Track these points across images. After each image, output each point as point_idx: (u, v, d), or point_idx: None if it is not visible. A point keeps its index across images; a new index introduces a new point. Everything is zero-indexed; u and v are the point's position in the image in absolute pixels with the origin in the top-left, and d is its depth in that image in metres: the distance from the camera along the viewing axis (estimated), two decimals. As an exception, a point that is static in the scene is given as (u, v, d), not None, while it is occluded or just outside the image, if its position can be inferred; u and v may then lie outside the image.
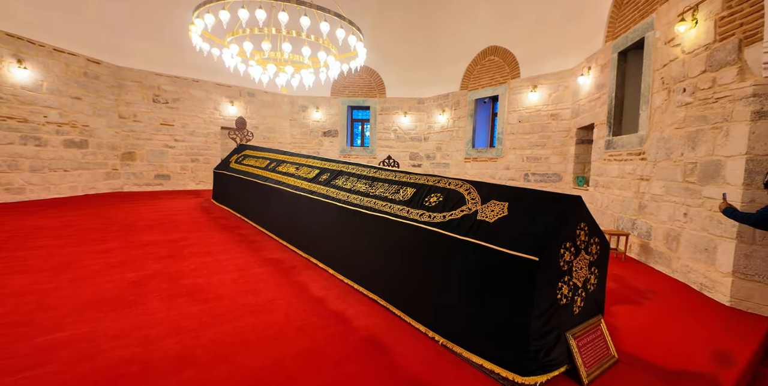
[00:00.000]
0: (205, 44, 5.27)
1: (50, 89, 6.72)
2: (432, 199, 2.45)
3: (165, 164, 8.78)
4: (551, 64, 7.17)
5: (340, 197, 3.27)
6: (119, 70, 8.08)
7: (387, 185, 2.98)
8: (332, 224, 3.27)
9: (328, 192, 3.50)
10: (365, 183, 3.25)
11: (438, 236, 2.15)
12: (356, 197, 3.10)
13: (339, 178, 3.67)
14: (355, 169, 3.65)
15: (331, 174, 3.85)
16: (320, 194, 3.58)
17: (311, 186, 3.87)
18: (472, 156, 8.77)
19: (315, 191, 3.70)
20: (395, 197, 2.74)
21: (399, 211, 2.56)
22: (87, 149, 7.44)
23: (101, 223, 4.88)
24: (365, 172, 3.44)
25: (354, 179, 3.46)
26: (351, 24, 4.85)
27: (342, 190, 3.38)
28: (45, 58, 6.62)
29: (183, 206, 6.66)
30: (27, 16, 6.25)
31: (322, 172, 4.05)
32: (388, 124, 10.46)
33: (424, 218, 2.33)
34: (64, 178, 7.01)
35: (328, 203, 3.32)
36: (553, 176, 7.20)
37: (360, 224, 2.88)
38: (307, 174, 4.24)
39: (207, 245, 4.07)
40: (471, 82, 8.81)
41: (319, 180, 3.90)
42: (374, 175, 3.29)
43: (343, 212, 3.09)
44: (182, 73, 8.87)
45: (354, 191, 3.22)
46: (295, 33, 4.83)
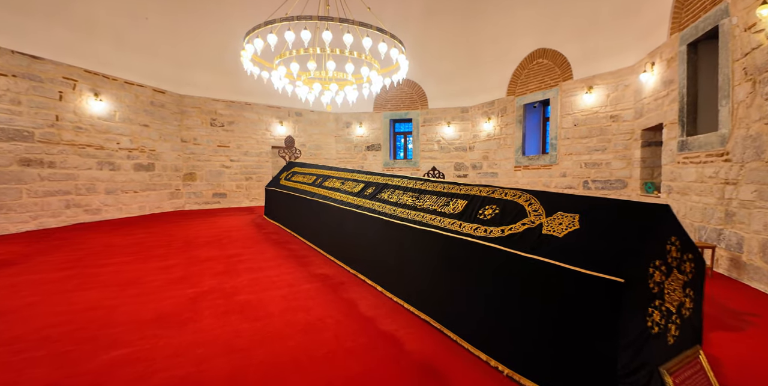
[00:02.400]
0: (255, 68, 5.53)
1: (122, 118, 7.41)
2: (487, 211, 2.28)
3: (222, 183, 9.29)
4: (607, 63, 6.70)
5: (386, 210, 3.18)
6: (181, 98, 8.75)
7: (435, 198, 2.85)
8: (379, 239, 3.17)
9: (374, 206, 3.43)
10: (412, 196, 3.13)
11: (497, 252, 1.96)
12: (403, 211, 2.99)
13: (384, 191, 3.59)
14: (400, 181, 3.55)
15: (376, 188, 3.79)
16: (366, 208, 3.52)
17: (357, 200, 3.83)
18: (523, 164, 8.36)
19: (361, 205, 3.64)
20: (445, 210, 2.60)
21: (450, 225, 2.41)
22: (154, 171, 8.07)
23: (164, 240, 5.18)
24: (411, 184, 3.33)
25: (400, 191, 3.36)
26: (393, 37, 4.85)
27: (388, 203, 3.29)
28: (117, 90, 7.34)
29: (238, 222, 6.94)
30: (104, 55, 6.99)
31: (368, 186, 4.00)
32: (431, 135, 10.34)
33: (479, 232, 2.16)
34: (134, 199, 7.63)
35: (375, 218, 3.24)
36: (617, 182, 6.62)
37: (408, 239, 2.75)
38: (353, 188, 4.21)
39: (259, 260, 4.14)
40: (518, 87, 8.48)
41: (364, 194, 3.85)
42: (421, 187, 3.17)
43: (391, 227, 2.98)
44: (236, 97, 9.43)
45: (401, 205, 3.12)
46: (339, 51, 4.92)
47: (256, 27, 4.62)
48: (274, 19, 4.44)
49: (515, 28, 8.11)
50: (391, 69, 5.78)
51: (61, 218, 6.33)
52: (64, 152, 6.39)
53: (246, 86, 9.35)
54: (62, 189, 6.35)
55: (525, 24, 7.92)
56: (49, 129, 6.15)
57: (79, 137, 6.61)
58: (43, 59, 6.08)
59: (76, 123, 6.57)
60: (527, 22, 7.86)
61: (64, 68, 6.39)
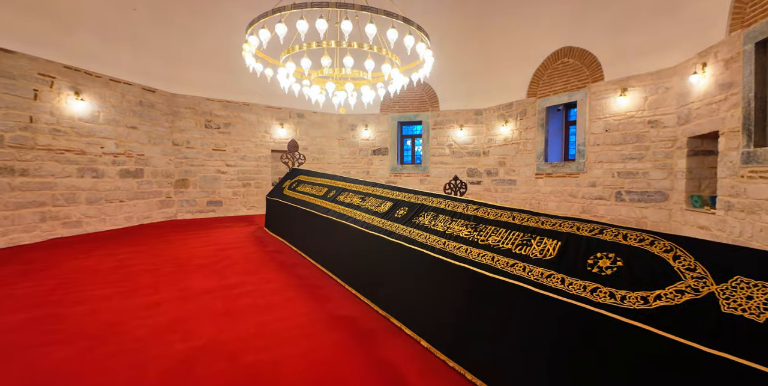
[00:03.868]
0: (258, 64, 4.85)
1: (107, 120, 6.67)
2: (602, 263, 1.63)
3: (217, 190, 8.57)
4: (645, 64, 6.11)
5: (433, 243, 2.52)
6: (173, 97, 8.02)
7: (504, 231, 2.20)
8: (427, 282, 2.50)
9: (413, 235, 2.78)
10: (465, 225, 2.48)
11: (647, 338, 1.29)
12: (458, 246, 2.34)
13: (422, 214, 2.94)
14: (442, 203, 2.90)
15: (410, 209, 3.14)
16: (401, 236, 2.86)
17: (386, 224, 3.17)
18: (546, 171, 7.75)
19: (393, 232, 2.98)
20: (527, 252, 1.94)
21: (545, 278, 1.74)
22: (142, 178, 7.33)
23: (153, 262, 4.48)
24: (461, 208, 2.68)
25: (445, 217, 2.71)
26: (419, 29, 4.21)
27: (432, 233, 2.64)
28: (102, 88, 6.60)
29: (236, 236, 6.24)
30: (86, 49, 6.26)
31: (397, 205, 3.34)
32: (442, 139, 9.70)
33: (601, 297, 1.51)
34: (120, 209, 6.89)
35: (416, 252, 2.58)
36: (656, 194, 6.03)
37: (477, 291, 2.06)
38: (378, 207, 3.55)
39: (265, 293, 3.47)
40: (540, 88, 7.87)
41: (394, 216, 3.20)
42: (476, 213, 2.52)
43: (444, 268, 2.32)
44: (233, 97, 8.72)
45: (452, 236, 2.47)
46: (356, 45, 4.26)
47: (263, 15, 3.94)
48: (283, 6, 3.76)
49: (538, 24, 7.50)
50: (411, 66, 5.13)
51: (35, 233, 5.59)
52: (40, 158, 5.65)
53: (244, 85, 8.64)
54: (37, 200, 5.61)
55: (549, 20, 7.31)
56: (21, 132, 5.41)
57: (57, 141, 5.87)
58: (15, 53, 5.34)
59: (53, 125, 5.82)
60: (552, 18, 7.25)
61: (40, 64, 5.65)
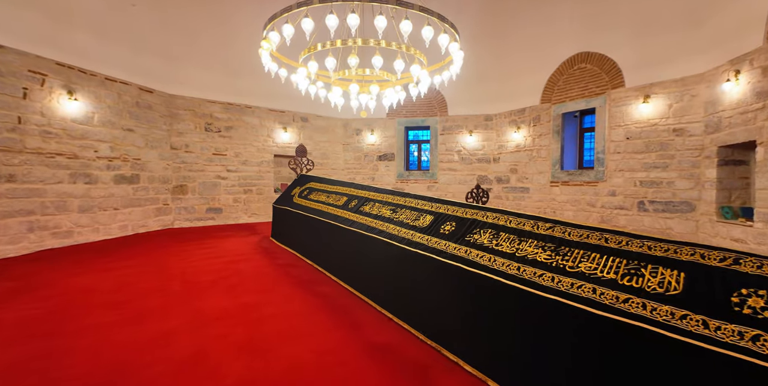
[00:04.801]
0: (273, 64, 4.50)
1: (102, 121, 6.22)
2: (753, 302, 1.32)
3: (217, 197, 8.13)
4: (669, 70, 5.94)
5: (502, 267, 2.19)
6: (172, 98, 7.59)
7: (599, 257, 1.89)
8: (497, 313, 2.13)
9: (470, 255, 2.45)
10: (541, 247, 2.17)
11: None
12: (539, 273, 2.01)
13: (477, 231, 2.62)
14: (500, 218, 2.58)
15: (459, 224, 2.81)
16: (455, 256, 2.53)
17: (431, 240, 2.83)
18: (562, 179, 7.53)
19: (443, 251, 2.65)
20: (642, 285, 1.61)
21: (679, 321, 1.40)
22: (138, 184, 6.87)
23: (158, 279, 4.06)
24: (528, 226, 2.36)
25: (511, 236, 2.39)
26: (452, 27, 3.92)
27: (498, 255, 2.31)
28: (97, 88, 6.15)
29: (242, 247, 5.83)
30: (81, 45, 5.82)
31: (440, 219, 3.01)
32: (450, 144, 9.43)
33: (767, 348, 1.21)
34: (114, 217, 6.41)
35: (479, 276, 2.25)
36: (681, 204, 5.83)
37: (579, 331, 1.71)
38: (416, 221, 3.22)
39: (289, 316, 3.10)
40: (555, 94, 7.67)
41: (441, 232, 2.86)
42: (551, 233, 2.21)
43: (522, 298, 1.97)
44: (235, 99, 8.32)
45: (525, 260, 2.15)
46: (384, 43, 3.94)
47: (286, 9, 3.60)
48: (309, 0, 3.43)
49: (553, 28, 7.31)
50: (437, 66, 4.84)
51: (22, 245, 5.10)
52: (28, 162, 5.17)
53: (246, 87, 8.27)
54: (24, 208, 5.13)
55: (565, 24, 7.12)
56: (8, 134, 4.94)
57: (47, 144, 5.40)
58: (3, 48, 4.89)
59: (44, 127, 5.36)
60: (568, 22, 7.06)
61: (30, 60, 5.20)
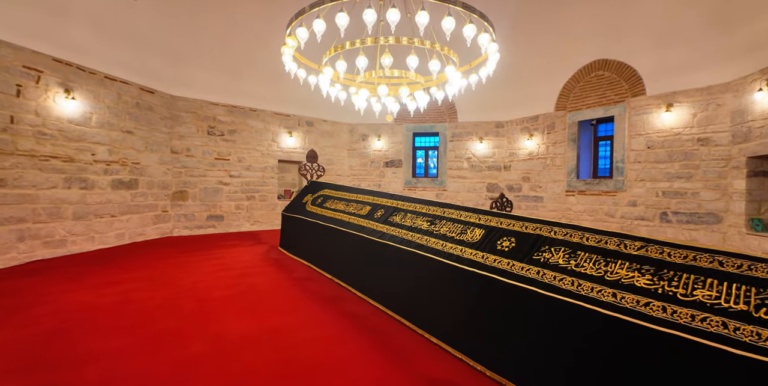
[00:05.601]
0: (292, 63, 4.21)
1: (100, 122, 5.82)
2: None
3: (219, 204, 7.73)
4: (692, 79, 5.84)
5: (593, 294, 1.91)
6: (173, 100, 7.22)
7: (717, 284, 1.63)
8: (601, 348, 1.85)
9: (545, 278, 2.17)
10: (637, 270, 1.90)
11: None
12: (644, 301, 1.74)
13: (547, 250, 2.34)
14: (572, 234, 2.31)
15: (520, 241, 2.53)
16: (526, 278, 2.24)
17: (489, 258, 2.54)
18: (578, 188, 7.36)
19: (507, 271, 2.36)
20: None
21: None
22: (137, 189, 6.45)
23: (166, 295, 3.68)
24: (613, 244, 2.09)
25: (594, 256, 2.12)
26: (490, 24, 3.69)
27: (582, 278, 2.04)
28: (96, 87, 5.76)
29: (250, 257, 5.46)
30: (80, 41, 5.44)
31: (493, 234, 2.73)
32: (460, 151, 9.22)
33: None
34: (110, 225, 5.98)
35: (564, 303, 1.97)
36: (707, 216, 5.69)
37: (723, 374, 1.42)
38: (462, 235, 2.93)
39: (323, 342, 2.77)
40: (571, 101, 7.54)
41: (499, 249, 2.58)
42: (646, 254, 1.94)
43: (630, 331, 1.70)
44: (239, 101, 7.97)
45: (620, 285, 1.87)
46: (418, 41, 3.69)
47: (316, 4, 3.32)
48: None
49: (569, 35, 7.19)
50: (469, 66, 4.61)
51: (11, 255, 4.65)
52: (20, 165, 4.75)
53: (251, 89, 7.95)
54: (15, 215, 4.69)
55: (582, 31, 7.01)
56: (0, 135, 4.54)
57: (41, 146, 4.99)
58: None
59: (38, 127, 4.95)
60: (585, 28, 6.95)
61: (26, 55, 4.81)
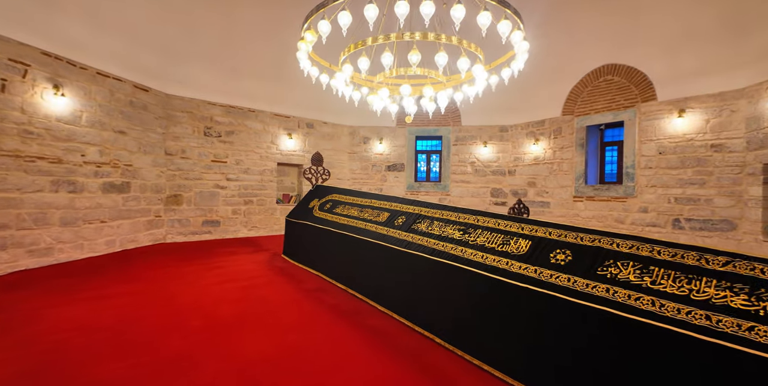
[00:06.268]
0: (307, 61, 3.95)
1: (91, 121, 5.43)
2: None
3: (215, 208, 7.35)
4: (705, 84, 5.80)
5: (685, 315, 1.70)
6: (169, 98, 6.85)
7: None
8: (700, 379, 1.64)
9: (617, 296, 1.94)
10: (727, 288, 1.70)
11: None
12: (748, 325, 1.54)
13: (611, 263, 2.13)
14: (640, 247, 2.11)
15: (577, 253, 2.31)
16: (594, 296, 2.02)
17: (543, 273, 2.31)
18: (586, 194, 7.26)
19: (570, 288, 2.14)
20: None
21: None
22: (128, 193, 6.05)
23: (169, 311, 3.34)
24: (692, 259, 1.89)
25: (669, 271, 1.92)
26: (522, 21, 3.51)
27: (663, 297, 1.82)
28: (87, 83, 5.38)
29: (253, 266, 5.13)
30: (70, 34, 5.07)
31: (543, 245, 2.51)
32: (464, 156, 9.06)
33: None
34: (100, 231, 5.56)
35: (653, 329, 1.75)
36: (721, 223, 5.62)
37: None
38: (504, 246, 2.70)
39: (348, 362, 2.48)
40: (579, 106, 7.46)
41: (554, 263, 2.35)
42: (734, 270, 1.75)
43: (750, 367, 1.50)
44: (238, 101, 7.64)
45: (711, 306, 1.67)
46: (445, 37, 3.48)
47: None
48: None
49: (577, 39, 7.11)
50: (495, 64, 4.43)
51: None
52: (4, 166, 4.35)
53: (249, 88, 7.62)
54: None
55: (591, 35, 6.93)
56: (-20, 133, 4.13)
57: (27, 146, 4.59)
58: (-22, 30, 4.12)
59: (23, 126, 4.55)
60: (594, 33, 6.87)
61: (12, 47, 4.43)
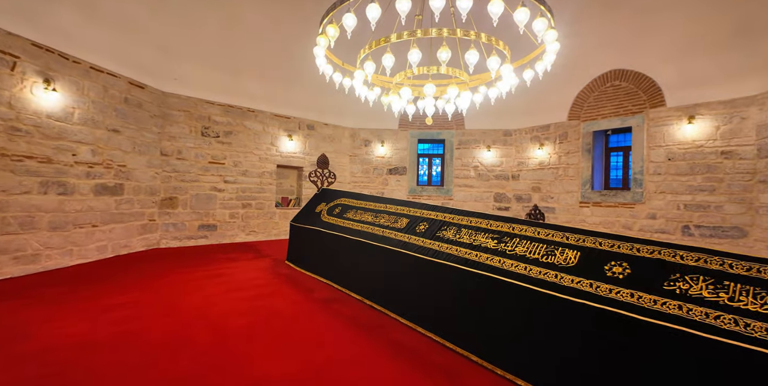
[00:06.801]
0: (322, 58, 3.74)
1: (83, 119, 5.09)
2: None
3: (212, 212, 7.03)
4: (715, 91, 5.79)
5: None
6: (165, 96, 6.53)
7: None
8: None
9: (692, 314, 1.79)
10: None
11: None
12: None
13: (678, 277, 1.98)
14: (710, 260, 1.96)
15: (636, 265, 2.15)
16: (661, 314, 1.86)
17: (613, 291, 2.14)
18: (593, 200, 7.19)
19: (634, 304, 1.96)
20: None
21: None
22: (122, 195, 5.71)
23: (175, 325, 3.06)
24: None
25: (750, 287, 1.77)
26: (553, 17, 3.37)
27: (747, 315, 1.67)
28: (80, 77, 5.05)
29: (257, 274, 4.86)
30: (63, 24, 4.75)
31: (593, 256, 2.34)
32: (467, 160, 8.94)
33: None
34: (91, 236, 5.21)
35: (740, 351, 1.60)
36: (732, 230, 5.59)
37: None
38: (549, 257, 2.52)
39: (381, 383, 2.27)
40: (585, 111, 7.41)
41: (612, 277, 2.18)
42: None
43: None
44: (237, 101, 7.36)
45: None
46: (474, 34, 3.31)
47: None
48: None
49: (584, 44, 7.07)
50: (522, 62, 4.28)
51: (-31, 274, 3.87)
52: (-13, 166, 4.01)
53: (249, 88, 7.36)
54: (-23, 226, 3.92)
55: (598, 41, 6.90)
56: (-37, 129, 3.79)
57: (14, 144, 4.25)
58: (-37, 17, 3.79)
59: (11, 122, 4.22)
60: (601, 38, 6.84)
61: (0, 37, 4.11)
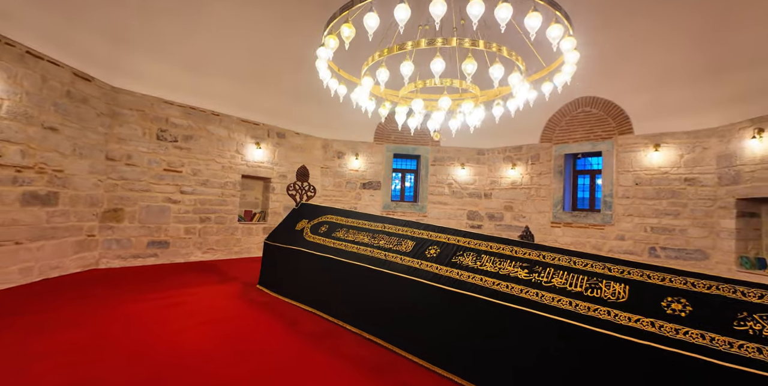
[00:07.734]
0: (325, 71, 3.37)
1: (13, 113, 4.19)
2: None
3: (164, 226, 6.15)
4: (681, 122, 6.22)
5: None
6: (115, 93, 5.67)
7: None
8: None
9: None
10: None
11: None
12: None
13: (746, 316, 1.85)
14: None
15: (697, 302, 2.00)
16: (740, 358, 1.71)
17: (667, 328, 1.94)
18: (564, 220, 7.37)
19: (708, 347, 1.79)
20: None
21: None
22: (56, 206, 4.76)
23: (140, 372, 2.39)
24: None
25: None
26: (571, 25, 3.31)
27: None
28: (13, 63, 4.17)
29: (227, 302, 4.19)
30: None
31: (645, 291, 2.17)
32: (441, 176, 8.84)
33: None
34: (14, 255, 4.23)
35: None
36: (695, 252, 5.94)
37: None
38: (594, 291, 2.32)
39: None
40: (557, 134, 7.66)
41: (672, 314, 2.01)
42: None
43: None
44: (199, 102, 6.62)
45: None
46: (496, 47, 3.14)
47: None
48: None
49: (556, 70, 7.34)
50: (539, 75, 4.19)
51: None
52: None
53: (214, 88, 6.65)
54: None
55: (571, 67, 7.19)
56: None
57: None
58: None
59: None
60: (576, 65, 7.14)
61: None
